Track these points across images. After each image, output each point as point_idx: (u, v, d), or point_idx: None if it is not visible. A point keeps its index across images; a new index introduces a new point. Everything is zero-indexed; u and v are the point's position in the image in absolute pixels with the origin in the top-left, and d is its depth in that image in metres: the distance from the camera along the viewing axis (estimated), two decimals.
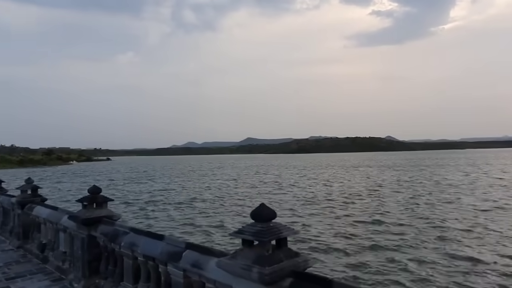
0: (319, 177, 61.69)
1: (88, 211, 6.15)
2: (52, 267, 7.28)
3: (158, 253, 4.58)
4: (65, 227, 7.04)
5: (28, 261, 7.89)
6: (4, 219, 10.73)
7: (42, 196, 9.31)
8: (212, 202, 32.57)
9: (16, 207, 9.25)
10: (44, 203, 8.85)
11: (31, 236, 8.86)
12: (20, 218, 9.07)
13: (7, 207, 10.39)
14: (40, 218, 8.26)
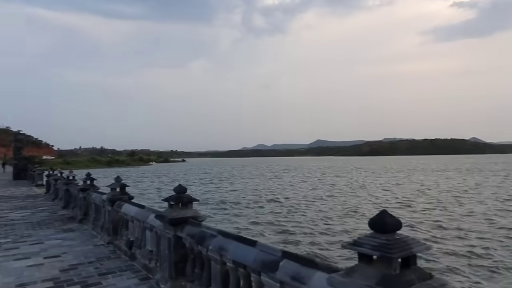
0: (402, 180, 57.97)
1: (174, 211, 6.01)
2: (139, 265, 7.34)
3: (251, 261, 4.16)
4: (152, 225, 7.04)
5: (117, 257, 8.10)
6: (96, 215, 11.37)
7: (129, 194, 9.61)
8: (288, 204, 32.12)
9: (107, 204, 9.66)
10: (132, 201, 9.09)
11: (120, 233, 9.16)
12: (110, 214, 9.44)
13: (99, 204, 10.98)
14: (128, 215, 8.47)
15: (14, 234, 10.61)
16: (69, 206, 15.61)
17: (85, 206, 12.67)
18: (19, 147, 40.01)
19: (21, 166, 37.96)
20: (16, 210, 15.73)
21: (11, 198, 20.28)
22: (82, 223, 12.27)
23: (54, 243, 9.49)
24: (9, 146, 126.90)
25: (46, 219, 13.24)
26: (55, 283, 6.40)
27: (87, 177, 13.01)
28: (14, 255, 8.25)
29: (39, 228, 11.64)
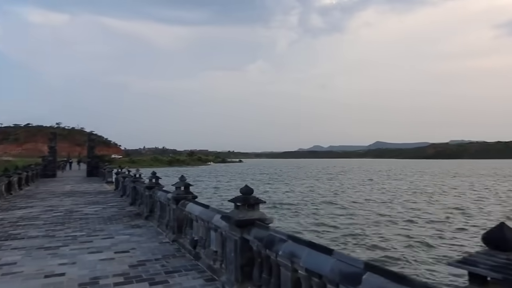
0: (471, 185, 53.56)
1: (241, 212, 5.84)
2: (203, 265, 7.31)
3: (327, 270, 3.82)
4: (217, 226, 6.96)
5: (182, 255, 8.17)
6: (161, 212, 11.69)
7: (193, 193, 9.70)
8: (348, 207, 31.04)
9: (171, 202, 9.85)
10: (196, 201, 9.15)
11: (184, 231, 9.26)
12: (175, 213, 9.60)
13: (164, 202, 11.26)
14: (192, 214, 8.51)
15: (88, 228, 11.25)
16: (135, 203, 16.34)
17: (150, 204, 13.12)
18: (92, 146, 43.19)
19: (94, 164, 40.92)
20: (89, 205, 16.82)
21: (85, 194, 21.81)
22: (148, 220, 12.72)
23: (123, 238, 9.88)
24: (83, 146, 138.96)
25: (115, 215, 13.94)
26: (125, 278, 6.56)
27: (152, 175, 13.48)
28: (88, 249, 8.69)
29: (110, 223, 12.25)
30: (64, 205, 16.60)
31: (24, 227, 11.46)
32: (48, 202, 17.74)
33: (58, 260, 7.75)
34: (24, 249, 8.65)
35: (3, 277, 6.64)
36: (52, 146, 40.61)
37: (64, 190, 23.92)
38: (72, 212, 14.62)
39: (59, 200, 18.81)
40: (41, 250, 8.55)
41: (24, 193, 22.79)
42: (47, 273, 6.85)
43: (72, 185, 28.55)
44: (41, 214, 14.03)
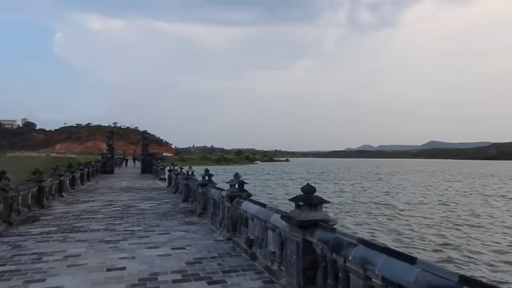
0: None
1: (303, 213, 5.51)
2: (260, 265, 7.07)
3: (411, 281, 3.37)
4: (275, 226, 6.69)
5: (237, 255, 8.00)
6: (215, 210, 11.67)
7: (247, 191, 9.52)
8: (402, 208, 29.52)
9: (225, 200, 9.74)
10: (251, 199, 8.95)
11: (239, 230, 9.11)
12: (229, 211, 9.47)
13: (217, 199, 11.21)
14: (247, 213, 8.32)
15: (145, 223, 11.50)
16: (188, 199, 16.58)
17: (203, 201, 13.18)
18: (145, 144, 45.00)
19: (147, 162, 42.60)
20: (145, 200, 17.35)
21: (140, 190, 22.63)
22: (201, 216, 12.78)
23: (178, 234, 9.94)
24: (137, 144, 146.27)
25: (170, 211, 14.20)
26: (183, 276, 6.49)
27: (205, 173, 13.53)
28: (146, 244, 8.81)
29: (165, 219, 12.46)
30: (122, 200, 17.27)
31: (87, 220, 11.98)
32: (107, 197, 18.58)
33: (118, 254, 7.91)
34: (87, 242, 8.97)
35: (69, 269, 6.86)
36: (110, 144, 42.86)
37: (122, 186, 25.02)
38: (129, 207, 15.12)
39: (117, 195, 19.63)
40: (102, 244, 8.81)
41: (86, 187, 24.14)
42: (109, 267, 6.98)
43: (128, 181, 29.84)
44: (101, 208, 14.66)
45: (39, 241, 9.13)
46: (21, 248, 8.44)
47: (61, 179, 19.04)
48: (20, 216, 12.24)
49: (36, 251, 8.14)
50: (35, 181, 14.96)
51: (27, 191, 13.62)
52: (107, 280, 6.27)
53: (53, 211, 13.97)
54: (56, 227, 10.84)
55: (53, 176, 18.17)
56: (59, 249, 8.30)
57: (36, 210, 14.09)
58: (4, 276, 6.44)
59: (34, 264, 7.18)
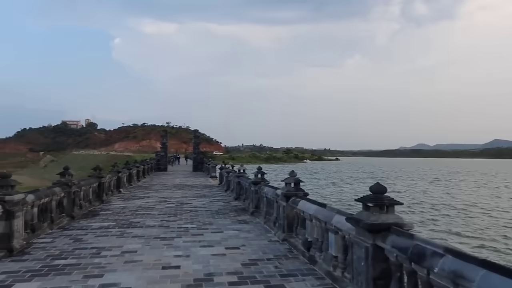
0: None
1: (373, 215, 4.92)
2: (321, 270, 6.56)
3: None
4: (337, 228, 6.15)
5: (295, 257, 7.54)
6: (268, 209, 11.30)
7: (304, 190, 9.03)
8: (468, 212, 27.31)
9: (280, 199, 9.32)
10: (308, 198, 8.45)
11: (295, 231, 8.65)
12: (285, 210, 9.04)
13: (271, 198, 10.83)
14: (305, 213, 7.83)
15: (198, 221, 11.43)
16: (240, 197, 16.40)
17: (256, 199, 12.88)
18: (197, 143, 45.99)
19: (199, 160, 43.49)
20: (197, 198, 17.46)
21: (193, 187, 22.95)
22: (253, 215, 12.48)
23: (232, 233, 9.70)
24: (189, 143, 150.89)
25: (222, 209, 14.09)
26: (239, 278, 6.17)
27: (258, 171, 13.22)
28: (200, 242, 8.65)
29: (217, 216, 12.33)
30: (175, 197, 17.52)
31: (143, 216, 12.17)
32: (161, 194, 18.98)
33: (173, 251, 7.80)
34: (143, 238, 9.01)
35: (125, 265, 6.83)
36: (164, 143, 44.31)
37: (175, 183, 25.59)
38: (183, 204, 15.24)
39: (171, 192, 20.02)
40: (157, 240, 8.79)
41: (141, 184, 24.99)
42: (164, 265, 6.86)
43: (181, 178, 30.53)
44: (156, 205, 14.91)
45: (98, 235, 9.34)
46: (82, 242, 8.65)
47: (119, 176, 19.79)
48: (82, 210, 12.75)
49: (95, 245, 8.29)
50: (96, 177, 15.60)
51: (88, 187, 14.19)
52: (163, 278, 6.11)
53: (112, 206, 14.44)
54: (114, 222, 11.09)
55: (112, 173, 18.91)
56: (116, 244, 8.39)
57: (97, 205, 14.65)
58: (66, 270, 6.53)
59: (93, 258, 7.26)
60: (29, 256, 7.41)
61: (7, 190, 7.86)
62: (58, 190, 10.87)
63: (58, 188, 10.99)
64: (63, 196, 11.37)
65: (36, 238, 8.91)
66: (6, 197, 7.68)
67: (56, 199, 10.71)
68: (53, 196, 10.47)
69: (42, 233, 9.33)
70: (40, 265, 6.80)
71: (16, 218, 7.92)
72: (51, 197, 10.33)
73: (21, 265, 6.83)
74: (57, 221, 10.53)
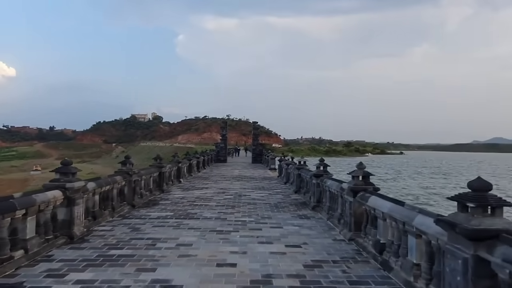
0: None
1: (474, 218, 3.88)
2: (398, 279, 5.59)
3: None
4: (421, 231, 5.12)
5: (364, 261, 6.62)
6: (331, 204, 10.40)
7: (374, 184, 8.00)
8: None
9: (347, 193, 8.37)
10: (380, 194, 7.43)
11: (364, 230, 7.68)
12: (352, 206, 8.10)
13: (335, 192, 9.92)
14: (377, 211, 6.83)
15: (256, 214, 10.87)
16: (300, 191, 15.61)
17: (318, 193, 11.99)
18: (256, 134, 45.84)
19: (258, 151, 43.32)
20: (256, 190, 16.99)
21: (251, 179, 22.60)
22: (315, 210, 11.64)
23: (292, 229, 8.97)
24: (248, 135, 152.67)
25: (281, 202, 13.42)
26: (302, 283, 5.44)
27: (320, 163, 12.31)
28: (258, 238, 8.05)
29: (277, 210, 11.68)
30: (234, 189, 17.23)
31: (200, 207, 11.93)
32: (220, 185, 18.83)
33: (229, 247, 7.27)
34: (199, 230, 8.64)
35: (179, 259, 6.44)
36: (224, 134, 44.79)
37: (233, 175, 25.48)
38: (241, 196, 14.84)
39: (229, 183, 19.81)
40: (213, 234, 8.35)
41: (201, 175, 25.25)
42: (219, 261, 6.35)
43: (240, 170, 30.46)
44: (214, 196, 14.68)
45: (155, 225, 9.16)
46: (139, 231, 8.50)
47: (179, 166, 20.01)
48: (142, 199, 12.86)
49: (151, 236, 8.06)
50: (156, 167, 15.77)
51: (149, 176, 14.34)
52: (217, 277, 5.58)
53: (171, 196, 14.47)
54: (172, 212, 10.94)
55: (172, 163, 19.14)
56: (172, 235, 8.10)
57: (157, 194, 14.79)
58: (120, 261, 6.29)
59: (148, 250, 6.99)
60: (87, 244, 7.36)
61: (68, 177, 7.90)
62: (119, 178, 10.96)
63: (119, 176, 11.09)
64: (124, 184, 11.47)
65: (97, 225, 8.96)
66: (67, 184, 7.70)
67: (117, 188, 10.81)
68: (114, 184, 10.56)
69: (103, 221, 9.39)
70: (96, 255, 6.65)
71: (76, 205, 7.95)
72: (112, 185, 10.42)
73: (79, 253, 6.74)
74: (118, 209, 10.62)
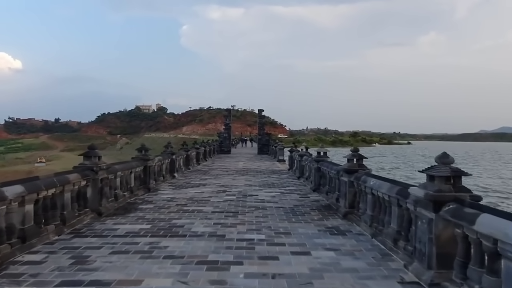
0: None
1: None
2: None
3: None
4: None
5: None
6: (378, 214, 7.20)
7: (471, 190, 4.76)
8: None
9: (423, 206, 5.15)
10: (493, 208, 4.20)
11: (460, 269, 4.46)
12: (434, 228, 4.84)
13: (385, 198, 6.71)
14: (486, 236, 3.61)
15: (268, 226, 7.72)
16: (320, 188, 12.44)
17: (351, 195, 8.77)
18: (262, 123, 42.59)
19: (264, 142, 40.11)
20: (264, 187, 13.84)
21: (258, 172, 19.46)
22: (348, 219, 8.45)
23: (325, 258, 5.79)
24: (253, 126, 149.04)
25: (298, 205, 10.26)
26: None
27: (353, 153, 9.02)
28: (274, 279, 4.87)
29: (295, 218, 8.52)
30: (237, 186, 14.11)
31: (191, 215, 8.79)
32: (221, 180, 15.72)
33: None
34: (180, 262, 5.47)
35: None
36: (227, 123, 41.58)
37: (237, 168, 22.36)
38: (246, 196, 11.71)
39: (232, 178, 16.70)
40: (201, 270, 5.16)
41: (201, 168, 22.16)
42: None
43: (245, 162, 27.34)
44: (212, 196, 11.56)
45: (116, 251, 6.02)
46: (83, 265, 5.34)
47: (173, 158, 16.87)
48: (116, 203, 9.75)
49: (98, 277, 4.91)
50: (140, 160, 12.66)
51: (128, 171, 11.20)
52: None
53: (157, 197, 11.36)
54: (149, 225, 7.80)
55: (163, 155, 16.01)
56: (133, 276, 4.95)
57: (140, 194, 11.68)
58: None
59: None
60: None
61: None
62: (74, 177, 7.77)
63: (75, 174, 7.89)
64: (85, 185, 8.34)
65: (25, 252, 5.85)
66: None
67: (71, 190, 7.65)
68: (65, 185, 7.38)
69: (39, 243, 6.27)
70: None
71: None
72: (62, 188, 7.25)
73: None
74: (72, 220, 7.51)
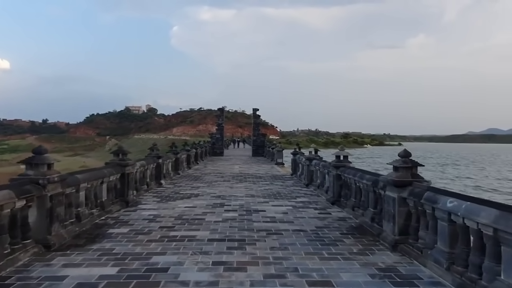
0: None
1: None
2: None
3: None
4: None
5: None
6: (443, 240, 4.77)
7: None
8: None
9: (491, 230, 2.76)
10: None
11: None
12: None
13: (456, 221, 4.31)
14: None
15: (293, 269, 5.23)
16: (341, 201, 10.04)
17: (402, 216, 6.33)
18: (257, 123, 40.14)
19: (259, 143, 37.68)
20: (269, 198, 11.39)
21: (257, 178, 17.00)
22: (399, 251, 6.04)
23: None
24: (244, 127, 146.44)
25: (322, 226, 7.83)
26: None
27: (404, 158, 6.58)
28: None
29: (326, 251, 6.08)
30: (237, 196, 11.63)
31: (179, 246, 6.26)
32: (216, 189, 13.21)
33: None
34: None
35: None
36: (220, 123, 39.04)
37: (233, 172, 19.87)
38: (250, 212, 9.25)
39: (229, 185, 14.23)
40: None
41: (192, 172, 19.62)
42: None
43: (240, 165, 24.86)
44: (207, 213, 9.06)
45: None
46: None
47: (159, 162, 14.31)
48: (79, 225, 7.19)
49: None
50: (117, 166, 10.08)
51: (98, 182, 8.62)
52: None
53: (136, 215, 8.81)
54: (116, 267, 5.23)
55: (147, 159, 13.45)
56: None
57: (114, 210, 9.12)
58: None
59: None
60: None
61: None
62: (2, 197, 5.19)
63: (5, 192, 5.30)
64: (26, 205, 5.78)
65: None
66: None
67: None
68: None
69: None
70: None
71: None
72: None
73: None
74: (1, 261, 4.95)
